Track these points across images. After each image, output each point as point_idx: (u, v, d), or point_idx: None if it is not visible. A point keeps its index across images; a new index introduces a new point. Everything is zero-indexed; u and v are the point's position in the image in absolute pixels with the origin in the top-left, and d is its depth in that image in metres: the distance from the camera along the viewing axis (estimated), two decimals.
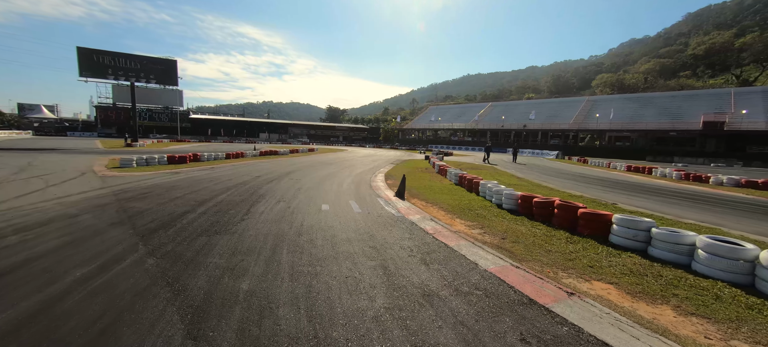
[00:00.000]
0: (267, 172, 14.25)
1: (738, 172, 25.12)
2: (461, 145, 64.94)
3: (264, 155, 26.54)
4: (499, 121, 67.41)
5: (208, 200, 7.74)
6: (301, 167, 17.33)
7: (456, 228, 6.00)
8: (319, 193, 9.33)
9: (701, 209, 9.03)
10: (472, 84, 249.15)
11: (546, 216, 6.67)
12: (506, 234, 5.68)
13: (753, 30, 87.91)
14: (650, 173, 20.78)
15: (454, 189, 11.06)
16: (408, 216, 6.81)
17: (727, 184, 15.46)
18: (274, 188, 9.95)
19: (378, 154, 36.52)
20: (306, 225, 5.83)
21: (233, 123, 78.81)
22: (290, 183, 11.07)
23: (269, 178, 12.23)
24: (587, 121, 57.24)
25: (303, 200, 8.19)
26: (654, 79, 74.52)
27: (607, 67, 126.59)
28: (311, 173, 14.59)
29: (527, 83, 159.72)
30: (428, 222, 6.33)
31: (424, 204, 8.33)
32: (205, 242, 4.68)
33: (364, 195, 9.28)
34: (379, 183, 12.30)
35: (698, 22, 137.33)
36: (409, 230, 5.71)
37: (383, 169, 18.03)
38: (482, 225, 6.27)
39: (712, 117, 44.73)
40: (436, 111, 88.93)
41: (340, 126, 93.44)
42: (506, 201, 7.94)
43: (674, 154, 43.04)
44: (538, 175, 16.97)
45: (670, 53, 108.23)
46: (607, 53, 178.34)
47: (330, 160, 24.11)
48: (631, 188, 13.23)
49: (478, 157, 33.90)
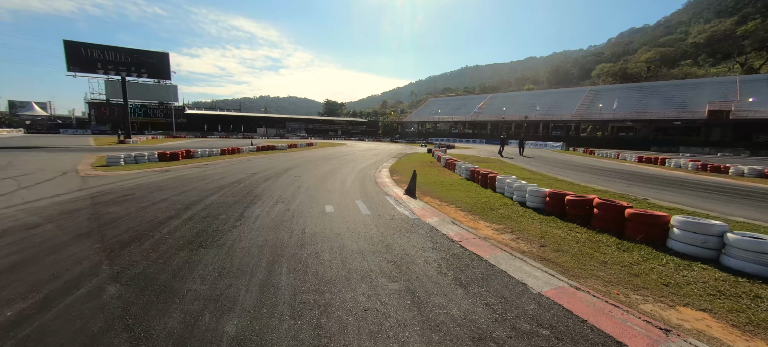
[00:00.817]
0: (264, 169, 13.35)
1: (750, 160, 24.36)
2: (462, 137, 63.97)
3: (261, 150, 25.57)
4: (499, 112, 66.44)
5: (196, 202, 6.86)
6: (301, 163, 16.43)
7: (483, 233, 5.16)
8: (322, 192, 8.46)
9: (740, 204, 8.22)
10: (471, 76, 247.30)
11: (582, 217, 5.84)
12: (543, 239, 4.85)
13: (755, 17, 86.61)
14: (663, 164, 19.98)
15: (466, 184, 10.21)
16: (424, 218, 5.96)
17: (748, 175, 14.68)
18: (271, 187, 9.07)
19: (379, 147, 35.60)
20: (309, 232, 4.97)
21: (230, 118, 77.48)
22: (289, 182, 10.19)
23: (266, 176, 11.34)
24: (590, 111, 56.32)
25: (304, 201, 7.32)
26: (657, 67, 73.52)
27: (607, 56, 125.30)
28: (311, 169, 13.70)
29: (526, 74, 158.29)
30: (449, 225, 5.49)
31: (438, 203, 7.47)
32: (186, 259, 3.82)
33: (371, 194, 8.41)
34: (385, 179, 11.44)
35: (699, 10, 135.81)
36: (430, 237, 4.86)
37: (386, 164, 17.16)
38: (512, 228, 5.43)
39: (717, 105, 43.88)
40: (436, 103, 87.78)
41: (339, 120, 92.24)
42: (531, 198, 7.10)
43: (679, 143, 42.29)
44: (551, 168, 16.14)
45: (671, 42, 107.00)
46: (606, 43, 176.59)
47: (330, 154, 23.19)
48: (654, 181, 12.42)
49: (482, 150, 33.07)
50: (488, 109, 71.75)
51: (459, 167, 12.94)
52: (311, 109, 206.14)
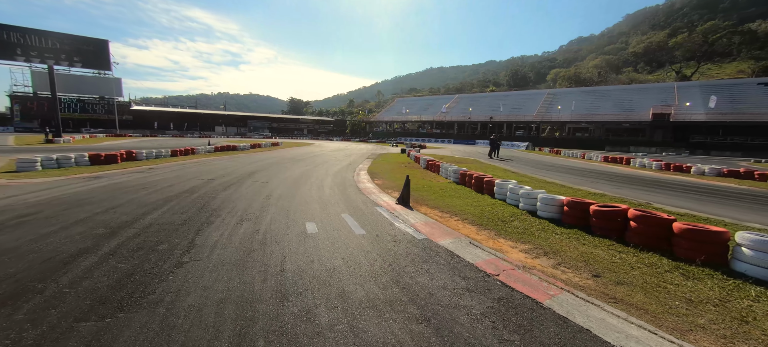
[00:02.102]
0: (224, 173, 11.44)
1: (689, 159, 26.37)
2: (430, 137, 64.27)
3: (220, 151, 23.01)
4: (466, 113, 67.75)
5: (128, 224, 5.11)
6: (267, 165, 14.58)
7: (513, 257, 4.11)
8: (298, 203, 6.99)
9: (739, 207, 8.07)
10: (435, 77, 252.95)
11: (613, 231, 5.04)
12: (590, 265, 3.90)
13: (682, 31, 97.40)
14: (628, 163, 20.77)
15: (458, 190, 9.25)
16: (434, 237, 4.80)
17: (709, 174, 15.42)
18: (233, 197, 7.40)
19: (349, 147, 34.07)
20: (290, 269, 3.58)
21: (184, 115, 71.18)
22: (256, 189, 8.53)
23: (227, 182, 9.54)
24: (549, 112, 59.12)
25: (277, 216, 5.83)
26: (606, 73, 79.47)
27: (559, 62, 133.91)
28: (280, 172, 12.02)
29: (487, 77, 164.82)
30: (469, 248, 4.38)
31: (439, 214, 6.37)
32: (89, 341, 2.29)
33: (357, 204, 7.10)
34: (367, 183, 10.15)
35: (636, 23, 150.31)
36: (456, 269, 3.70)
37: (363, 165, 15.86)
38: (543, 249, 4.45)
39: (659, 109, 47.93)
40: (404, 103, 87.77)
41: (305, 118, 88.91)
42: (544, 207, 6.24)
43: (629, 143, 45.56)
44: (531, 169, 15.85)
45: (614, 50, 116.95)
46: (558, 49, 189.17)
47: (299, 155, 21.34)
48: (637, 182, 12.41)
49: (455, 150, 32.87)
50: (455, 109, 72.92)
51: (445, 170, 12.01)
52: (275, 107, 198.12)
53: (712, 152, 39.08)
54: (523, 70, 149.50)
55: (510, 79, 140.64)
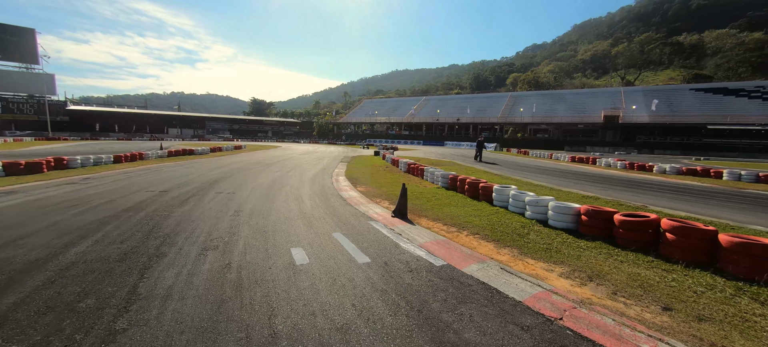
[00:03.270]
0: (180, 182, 9.78)
1: (644, 158, 28.38)
2: (399, 138, 64.12)
3: (175, 156, 20.56)
4: (434, 114, 68.60)
5: (40, 265, 3.68)
6: (232, 171, 12.94)
7: (560, 286, 3.38)
8: (275, 219, 5.81)
9: (728, 208, 8.18)
10: (401, 79, 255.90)
11: (644, 243, 4.54)
12: (648, 292, 3.28)
13: (622, 41, 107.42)
14: (594, 163, 21.65)
15: (451, 196, 8.54)
16: (455, 263, 3.95)
17: (670, 172, 16.29)
18: (193, 214, 6.03)
19: (319, 150, 32.52)
20: (284, 333, 2.51)
21: (132, 116, 64.62)
22: (221, 202, 7.16)
23: (184, 194, 8.00)
24: (512, 114, 61.51)
25: (252, 240, 4.65)
26: (560, 77, 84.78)
27: (517, 67, 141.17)
28: (249, 180, 10.56)
29: (451, 80, 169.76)
30: (503, 276, 3.58)
31: (444, 228, 5.56)
32: None
33: (346, 218, 6.07)
34: (350, 191, 9.12)
35: (583, 33, 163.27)
36: (506, 313, 2.86)
37: (338, 169, 14.74)
38: (586, 272, 3.78)
39: (610, 111, 51.73)
40: (372, 105, 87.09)
41: (269, 120, 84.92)
42: (557, 217, 5.67)
43: (585, 144, 48.55)
44: (513, 171, 15.72)
45: (565, 57, 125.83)
46: (515, 55, 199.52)
47: (266, 159, 19.61)
48: (613, 182, 12.58)
49: (428, 152, 32.60)
50: (423, 111, 73.57)
51: (431, 174, 11.30)
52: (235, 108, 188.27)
53: (656, 151, 42.73)
54: (485, 74, 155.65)
55: (473, 82, 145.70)
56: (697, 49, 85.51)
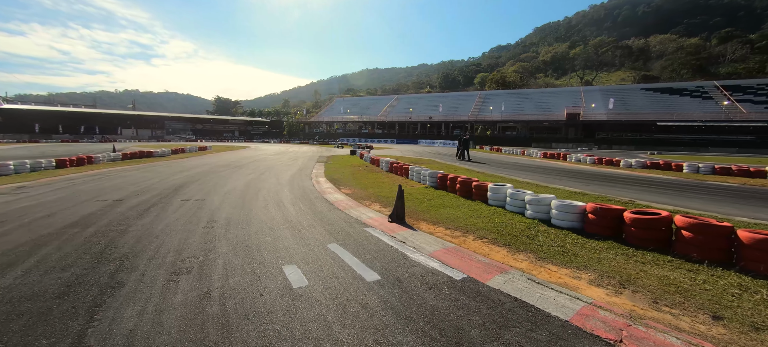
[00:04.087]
0: (138, 189, 8.57)
1: (610, 153, 30.09)
2: (372, 137, 63.62)
3: (131, 159, 18.59)
4: (406, 113, 68.81)
5: None
6: (198, 175, 11.72)
7: (598, 297, 3.04)
8: (257, 230, 5.06)
9: (716, 200, 8.50)
10: (371, 77, 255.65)
11: (656, 241, 4.39)
12: (688, 299, 3.03)
13: (579, 44, 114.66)
14: (565, 159, 22.46)
15: (443, 196, 8.16)
16: (476, 275, 3.51)
17: (635, 166, 17.17)
18: (155, 228, 5.11)
19: (291, 150, 31.16)
20: None
21: (79, 116, 58.52)
22: (189, 211, 6.23)
23: (144, 202, 6.93)
24: (482, 113, 63.19)
25: (233, 258, 3.92)
26: (526, 77, 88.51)
27: (484, 67, 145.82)
28: (219, 184, 9.53)
29: (421, 78, 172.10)
30: (535, 289, 3.19)
31: (448, 233, 5.13)
32: None
33: (339, 225, 5.45)
34: (335, 193, 8.46)
35: (543, 35, 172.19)
36: (560, 339, 2.44)
37: (316, 170, 13.95)
38: (616, 279, 3.49)
39: (571, 109, 54.59)
40: (343, 103, 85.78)
41: (235, 119, 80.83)
42: (562, 216, 5.45)
43: (550, 140, 50.86)
44: (491, 169, 15.76)
45: (528, 58, 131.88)
46: (481, 56, 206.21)
47: (236, 160, 18.25)
48: (589, 177, 12.92)
49: (405, 150, 32.34)
50: (395, 109, 73.60)
51: (417, 173, 10.89)
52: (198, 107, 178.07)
53: (613, 146, 45.64)
54: (453, 74, 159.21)
55: (442, 81, 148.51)
56: (644, 52, 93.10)
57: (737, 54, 70.68)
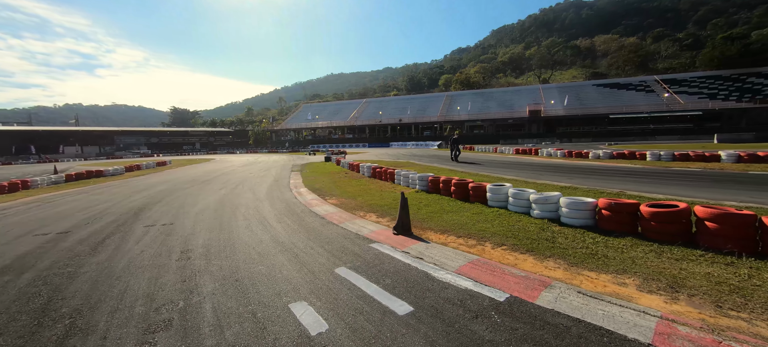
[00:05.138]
0: (89, 217, 7.28)
1: (573, 146, 31.75)
2: (343, 142, 62.70)
3: (77, 180, 16.42)
4: (376, 116, 68.63)
5: None
6: (161, 194, 10.41)
7: (661, 308, 2.73)
8: (246, 259, 4.29)
9: (680, 185, 8.83)
10: (337, 82, 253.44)
11: (677, 235, 4.25)
12: (749, 300, 2.81)
13: (533, 45, 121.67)
14: (537, 154, 23.23)
15: (439, 201, 7.77)
16: (518, 292, 3.08)
17: (603, 157, 18.04)
18: (116, 267, 4.17)
19: (261, 160, 29.53)
20: None
21: (11, 134, 51.72)
22: (156, 240, 5.26)
23: (97, 233, 5.80)
24: (450, 113, 64.54)
25: (224, 299, 3.17)
26: (488, 77, 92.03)
27: (447, 69, 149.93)
28: (187, 204, 8.42)
29: (387, 82, 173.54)
30: (593, 305, 2.82)
31: (462, 242, 4.70)
32: None
33: (341, 244, 4.81)
34: (323, 205, 7.75)
35: (500, 37, 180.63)
36: None
37: (293, 181, 13.07)
38: (664, 282, 3.23)
39: (533, 106, 57.34)
40: (311, 109, 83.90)
41: (196, 130, 75.97)
42: (573, 213, 5.23)
43: (516, 137, 53.00)
44: (473, 168, 15.73)
45: (488, 59, 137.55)
46: (443, 58, 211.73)
47: (202, 174, 16.72)
48: (567, 170, 13.22)
49: (379, 153, 31.88)
50: (365, 113, 73.18)
51: (405, 177, 10.44)
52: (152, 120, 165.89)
53: (573, 139, 48.46)
54: (418, 76, 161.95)
55: (407, 84, 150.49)
56: (591, 52, 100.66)
57: (669, 51, 78.55)
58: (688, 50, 74.02)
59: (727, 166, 12.38)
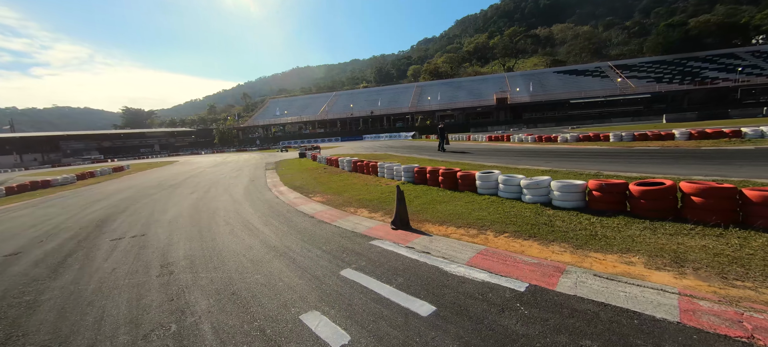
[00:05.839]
0: (41, 233, 6.42)
1: (540, 131, 33.17)
2: (314, 137, 61.27)
3: (19, 193, 14.61)
4: (347, 109, 67.65)
5: None
6: (124, 202, 9.45)
7: (676, 284, 2.80)
8: (238, 268, 3.93)
9: (651, 163, 9.39)
10: (303, 76, 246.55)
11: (666, 211, 4.46)
12: (750, 270, 2.95)
13: (496, 34, 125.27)
14: (509, 140, 23.99)
15: (427, 191, 7.70)
16: (536, 280, 3.03)
17: (571, 140, 18.97)
18: (84, 290, 3.64)
19: (230, 159, 28.04)
20: None
21: None
22: (128, 254, 4.70)
23: (54, 252, 5.10)
24: (421, 103, 65.05)
25: (223, 317, 2.84)
26: (456, 67, 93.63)
27: (414, 59, 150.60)
28: (157, 211, 7.69)
29: (355, 74, 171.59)
30: (618, 287, 2.83)
31: (463, 232, 4.63)
32: None
33: (339, 243, 4.56)
34: (309, 204, 7.40)
35: (464, 27, 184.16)
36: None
37: (271, 179, 12.48)
38: (669, 258, 3.33)
39: (500, 94, 59.14)
40: (278, 104, 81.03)
41: (155, 131, 70.76)
42: (564, 196, 5.35)
43: (486, 124, 54.56)
44: (454, 156, 15.90)
45: (453, 49, 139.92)
46: (410, 49, 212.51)
47: (167, 179, 15.50)
48: (543, 154, 13.71)
49: (354, 147, 31.44)
50: (335, 106, 71.91)
51: (389, 169, 10.28)
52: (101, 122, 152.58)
53: (538, 124, 50.70)
54: (386, 68, 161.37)
55: (376, 76, 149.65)
56: (550, 40, 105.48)
57: (619, 38, 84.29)
58: (637, 37, 79.73)
59: (681, 144, 13.44)
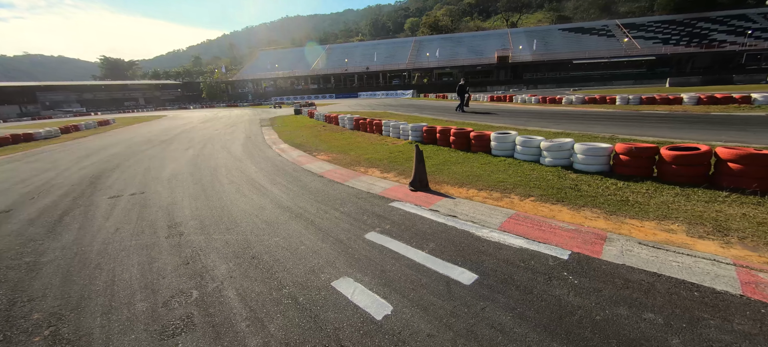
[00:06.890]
0: (32, 189, 6.05)
1: (543, 92, 32.48)
2: (306, 93, 59.27)
3: (1, 147, 13.88)
4: (342, 64, 64.83)
5: None
6: (116, 159, 8.99)
7: (727, 254, 2.67)
8: (253, 229, 3.70)
9: (665, 127, 9.19)
10: (293, 26, 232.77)
11: (698, 177, 4.30)
12: None
13: None
14: (511, 100, 23.41)
15: (438, 151, 7.41)
16: (578, 247, 2.87)
17: (576, 103, 18.56)
18: (88, 252, 3.40)
19: (221, 115, 27.01)
20: None
21: None
22: (130, 213, 4.42)
23: (50, 210, 4.79)
24: (419, 60, 62.60)
25: (249, 285, 2.65)
26: (456, 20, 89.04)
27: (412, 11, 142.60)
28: (153, 169, 7.31)
29: (349, 26, 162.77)
30: (667, 256, 2.68)
31: (486, 195, 4.43)
32: None
33: (357, 204, 4.33)
34: (315, 162, 7.09)
35: None
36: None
37: (269, 136, 12.02)
38: (711, 226, 3.19)
39: (501, 52, 57.04)
40: (269, 57, 77.12)
41: (138, 84, 67.36)
42: (588, 160, 5.13)
43: (485, 84, 53.15)
44: (452, 116, 15.45)
45: (454, 1, 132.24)
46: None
47: (159, 134, 14.83)
48: (548, 116, 13.38)
49: (351, 104, 30.44)
50: (329, 60, 68.83)
51: (394, 128, 9.88)
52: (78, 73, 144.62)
53: (539, 86, 49.62)
54: (382, 19, 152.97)
55: (371, 28, 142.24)
56: None
57: None
58: None
59: (690, 108, 13.19)
